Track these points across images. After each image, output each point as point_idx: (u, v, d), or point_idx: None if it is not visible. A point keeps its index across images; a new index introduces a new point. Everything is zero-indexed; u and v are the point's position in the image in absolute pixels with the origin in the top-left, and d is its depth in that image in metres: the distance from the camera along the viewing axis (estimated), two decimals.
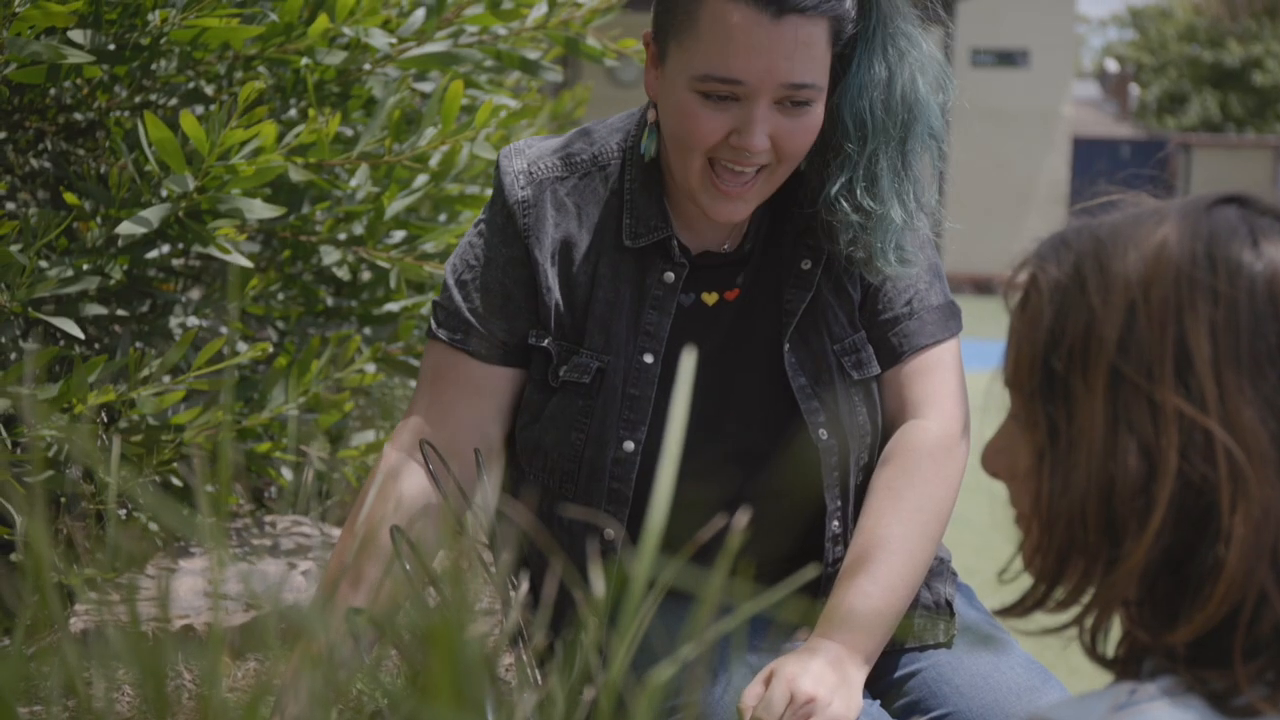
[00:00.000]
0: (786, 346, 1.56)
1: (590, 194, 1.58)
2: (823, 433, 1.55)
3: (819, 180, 1.53)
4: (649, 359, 1.54)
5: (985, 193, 17.34)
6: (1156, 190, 0.95)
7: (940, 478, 1.54)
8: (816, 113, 1.47)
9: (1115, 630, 0.93)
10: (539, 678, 1.05)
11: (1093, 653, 0.92)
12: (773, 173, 1.49)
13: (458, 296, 1.59)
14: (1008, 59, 18.17)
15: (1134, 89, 29.93)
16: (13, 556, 1.82)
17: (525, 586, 1.10)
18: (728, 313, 1.58)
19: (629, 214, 1.56)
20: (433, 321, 1.61)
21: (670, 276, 1.55)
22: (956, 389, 1.60)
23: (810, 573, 0.95)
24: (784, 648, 1.49)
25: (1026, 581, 0.95)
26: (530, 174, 1.58)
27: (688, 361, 0.87)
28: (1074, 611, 0.92)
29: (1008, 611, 0.95)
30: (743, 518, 0.92)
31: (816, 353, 1.56)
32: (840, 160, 1.50)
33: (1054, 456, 0.90)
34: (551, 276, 1.56)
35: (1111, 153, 21.79)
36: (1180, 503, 0.86)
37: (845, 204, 1.50)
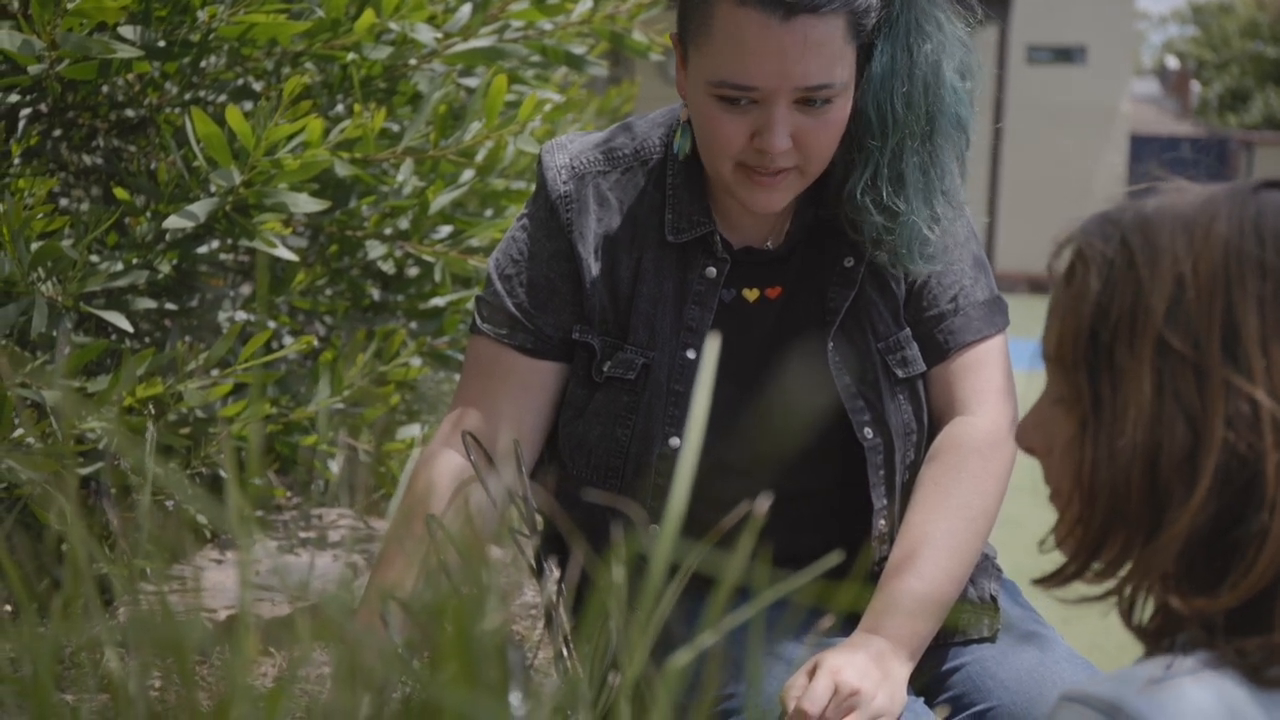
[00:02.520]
0: (830, 345, 1.54)
1: (632, 188, 1.57)
2: (868, 431, 1.53)
3: (845, 177, 1.51)
4: (691, 355, 1.53)
5: (1042, 190, 17.17)
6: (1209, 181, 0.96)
7: (987, 474, 1.52)
8: (840, 108, 1.44)
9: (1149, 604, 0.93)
10: (575, 663, 1.05)
11: (1129, 622, 0.93)
12: (803, 171, 1.48)
13: (502, 291, 1.59)
14: (1065, 55, 17.97)
15: (1195, 86, 29.53)
16: (63, 546, 1.84)
17: (558, 572, 1.10)
18: (771, 310, 1.57)
19: (671, 209, 1.55)
20: (476, 316, 1.61)
21: (712, 271, 1.54)
22: (1003, 384, 1.59)
23: (834, 559, 0.94)
24: (821, 641, 1.47)
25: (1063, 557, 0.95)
26: (572, 168, 1.58)
27: (710, 350, 0.86)
28: (1109, 584, 0.92)
29: (1044, 581, 0.96)
30: (764, 504, 0.91)
31: (861, 351, 1.55)
32: (864, 156, 1.48)
33: (1097, 426, 0.91)
34: (595, 271, 1.55)
35: (1171, 150, 21.51)
36: (1225, 472, 0.86)
37: (869, 202, 1.48)
